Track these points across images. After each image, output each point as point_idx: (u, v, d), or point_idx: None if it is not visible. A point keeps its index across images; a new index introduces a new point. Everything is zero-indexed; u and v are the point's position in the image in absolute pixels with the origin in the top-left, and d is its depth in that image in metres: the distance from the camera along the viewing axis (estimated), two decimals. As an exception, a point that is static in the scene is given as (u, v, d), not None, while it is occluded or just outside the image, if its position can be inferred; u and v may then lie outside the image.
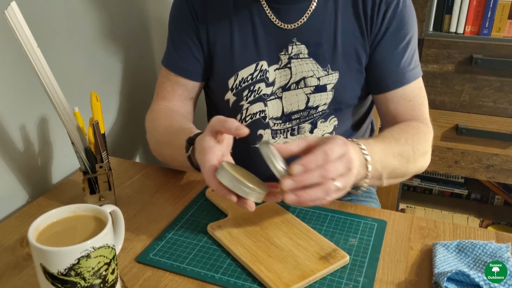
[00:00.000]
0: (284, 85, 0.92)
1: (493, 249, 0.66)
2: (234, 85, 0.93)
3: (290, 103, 0.93)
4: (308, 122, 0.94)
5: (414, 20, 0.91)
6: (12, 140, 0.84)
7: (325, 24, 0.88)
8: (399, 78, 0.90)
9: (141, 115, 1.20)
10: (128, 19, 1.12)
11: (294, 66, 0.90)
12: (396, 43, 0.88)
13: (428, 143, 0.87)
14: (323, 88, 0.91)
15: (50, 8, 0.89)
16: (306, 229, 0.73)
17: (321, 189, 0.62)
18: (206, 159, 0.66)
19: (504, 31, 1.45)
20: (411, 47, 0.90)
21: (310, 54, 0.90)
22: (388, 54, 0.89)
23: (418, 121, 0.89)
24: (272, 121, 0.95)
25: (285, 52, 0.90)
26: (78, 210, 0.59)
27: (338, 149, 0.64)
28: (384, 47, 0.88)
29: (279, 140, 0.96)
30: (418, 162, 0.84)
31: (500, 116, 1.50)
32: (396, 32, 0.88)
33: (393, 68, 0.89)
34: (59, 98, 0.73)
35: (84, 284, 0.54)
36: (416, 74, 0.91)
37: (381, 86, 0.91)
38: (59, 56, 0.92)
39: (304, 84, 0.91)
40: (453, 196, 1.96)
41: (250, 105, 0.94)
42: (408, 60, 0.90)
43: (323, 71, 0.90)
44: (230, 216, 0.76)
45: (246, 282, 0.64)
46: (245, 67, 0.92)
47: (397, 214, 0.80)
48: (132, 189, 0.89)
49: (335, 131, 0.96)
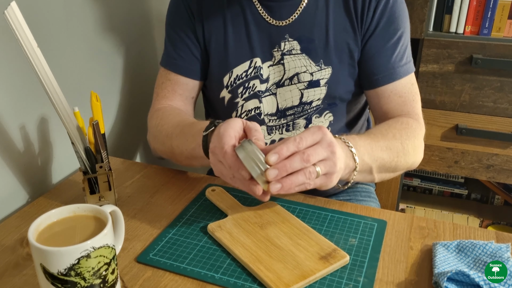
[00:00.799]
0: (278, 81, 0.93)
1: (493, 249, 0.66)
2: (229, 82, 0.94)
3: (284, 99, 0.94)
4: (302, 118, 0.95)
5: (406, 16, 0.91)
6: (12, 140, 0.84)
7: (316, 19, 0.89)
8: (390, 73, 0.90)
9: (141, 115, 1.20)
10: (129, 19, 1.12)
11: (287, 62, 0.91)
12: (387, 39, 0.89)
13: (418, 139, 0.87)
14: (317, 83, 0.91)
15: (50, 8, 0.89)
16: (306, 229, 0.73)
17: (302, 173, 0.65)
18: (227, 133, 0.68)
19: (504, 31, 1.45)
20: (402, 42, 0.90)
21: (302, 50, 0.90)
22: (379, 49, 0.89)
23: (408, 117, 0.90)
24: (267, 118, 0.95)
25: (278, 48, 0.91)
26: (78, 210, 0.59)
27: (310, 136, 0.66)
28: (374, 42, 0.89)
29: (274, 136, 0.97)
30: (409, 157, 0.85)
31: (500, 116, 1.50)
32: (386, 28, 0.88)
33: (383, 64, 0.90)
34: (59, 98, 0.73)
35: (84, 284, 0.54)
36: (408, 70, 0.92)
37: (372, 81, 0.91)
38: (59, 56, 0.92)
39: (297, 80, 0.92)
40: (453, 196, 1.96)
41: (245, 102, 0.95)
42: (399, 55, 0.90)
43: (316, 66, 0.90)
44: (230, 216, 0.76)
45: (246, 282, 0.64)
46: (239, 64, 0.93)
47: (397, 214, 0.80)
48: (132, 189, 0.89)
49: (331, 127, 0.97)
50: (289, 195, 0.84)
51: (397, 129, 0.85)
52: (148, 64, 1.23)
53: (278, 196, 0.83)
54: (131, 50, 1.15)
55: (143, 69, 1.20)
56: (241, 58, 0.92)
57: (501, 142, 1.52)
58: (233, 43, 0.92)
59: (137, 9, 1.16)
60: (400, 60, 0.90)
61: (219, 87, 0.95)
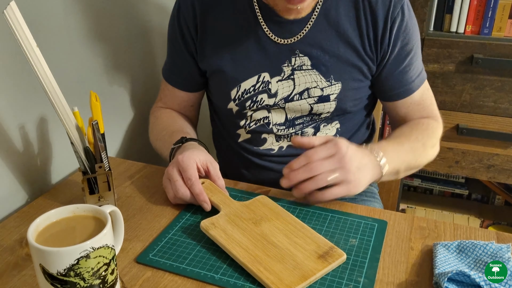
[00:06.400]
0: (287, 96, 0.92)
1: (493, 249, 0.66)
2: (236, 96, 0.94)
3: (293, 111, 0.94)
4: (311, 127, 0.95)
5: (417, 28, 0.92)
6: (11, 140, 0.84)
7: (327, 35, 0.88)
8: (407, 89, 0.93)
9: (141, 115, 1.20)
10: (129, 19, 1.12)
11: (298, 77, 0.91)
12: (402, 59, 0.90)
13: (436, 137, 0.94)
14: (327, 98, 0.91)
15: (50, 8, 0.88)
16: (301, 225, 0.73)
17: (312, 182, 0.76)
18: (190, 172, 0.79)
19: (505, 31, 1.45)
20: (416, 56, 0.92)
21: (313, 66, 0.90)
22: (396, 69, 0.91)
23: (428, 118, 0.95)
24: (276, 127, 0.95)
25: (288, 63, 0.90)
26: (77, 210, 0.59)
27: (325, 151, 0.77)
28: (390, 64, 0.90)
29: (282, 143, 0.97)
30: (429, 154, 0.93)
31: (500, 116, 1.50)
32: (402, 48, 0.89)
33: (401, 81, 0.92)
34: (59, 98, 0.72)
35: (84, 284, 0.54)
36: (422, 79, 0.95)
37: (390, 96, 0.95)
38: (59, 56, 0.92)
39: (307, 95, 0.91)
40: (453, 196, 1.96)
41: (254, 112, 0.95)
42: (414, 69, 0.92)
43: (326, 82, 0.90)
44: (222, 212, 0.76)
45: (246, 283, 0.64)
46: (247, 78, 0.92)
47: (398, 215, 0.80)
48: (132, 189, 0.88)
49: (338, 133, 0.97)
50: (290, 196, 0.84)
51: (419, 131, 0.92)
52: (149, 64, 1.22)
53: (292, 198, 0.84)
54: (131, 50, 1.14)
55: (143, 69, 1.20)
56: (249, 72, 0.92)
57: (502, 142, 1.52)
58: (241, 58, 0.92)
59: (137, 10, 1.15)
60: (415, 73, 0.93)
61: (226, 100, 0.95)
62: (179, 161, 0.80)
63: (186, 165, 0.79)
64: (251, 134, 0.98)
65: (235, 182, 0.90)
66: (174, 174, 0.80)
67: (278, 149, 0.98)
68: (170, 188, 0.80)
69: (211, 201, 0.79)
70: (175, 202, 0.81)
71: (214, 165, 0.83)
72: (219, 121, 1.05)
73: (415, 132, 0.91)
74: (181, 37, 0.96)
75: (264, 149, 0.98)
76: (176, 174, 0.80)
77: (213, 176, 0.82)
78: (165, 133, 0.96)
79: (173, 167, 0.81)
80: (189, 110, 1.05)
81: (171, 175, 0.80)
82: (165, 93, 1.05)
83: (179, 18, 0.95)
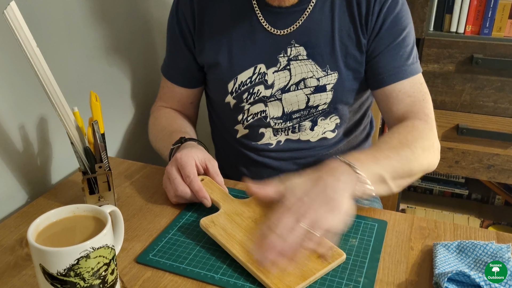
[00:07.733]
0: (284, 86, 0.92)
1: (493, 249, 0.66)
2: (233, 89, 0.94)
3: (290, 103, 0.94)
4: (308, 120, 0.95)
5: (409, 17, 0.91)
6: (12, 140, 0.84)
7: (322, 25, 0.89)
8: (396, 72, 0.89)
9: (141, 115, 1.20)
10: (129, 19, 1.12)
11: (294, 68, 0.91)
12: (391, 39, 0.89)
13: (427, 139, 0.85)
14: (323, 88, 0.91)
15: (50, 8, 0.88)
16: None
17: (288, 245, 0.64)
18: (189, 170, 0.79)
19: (505, 31, 1.45)
20: (407, 42, 0.90)
21: (309, 56, 0.90)
22: (384, 49, 0.89)
23: (415, 119, 0.88)
24: (273, 121, 0.96)
25: (284, 54, 0.91)
26: (77, 210, 0.59)
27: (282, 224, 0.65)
28: (379, 42, 0.89)
29: (280, 137, 0.97)
30: (422, 159, 0.82)
31: (500, 116, 1.50)
32: (390, 28, 0.88)
33: (389, 63, 0.89)
34: (59, 98, 0.72)
35: (84, 284, 0.54)
36: (415, 70, 0.91)
37: (379, 81, 0.91)
38: (59, 56, 0.92)
39: (304, 85, 0.91)
40: (453, 196, 1.96)
41: (251, 106, 0.95)
42: (405, 55, 0.90)
43: (322, 72, 0.90)
44: (222, 210, 0.76)
45: (246, 283, 0.64)
46: (243, 71, 0.93)
47: (398, 215, 0.80)
48: (132, 189, 0.88)
49: (337, 129, 0.97)
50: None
51: (403, 134, 0.84)
52: (148, 64, 1.22)
53: None
54: (131, 50, 1.14)
55: (143, 68, 1.20)
56: (246, 64, 0.92)
57: (502, 142, 1.52)
58: (237, 51, 0.92)
59: (137, 9, 1.15)
60: (406, 60, 0.89)
61: (224, 93, 0.96)
62: (178, 159, 0.80)
63: (185, 162, 0.79)
64: (249, 129, 0.99)
65: (234, 182, 0.90)
66: (173, 172, 0.80)
67: (276, 144, 0.98)
68: (170, 187, 0.80)
69: (211, 198, 0.79)
70: (175, 201, 0.81)
71: (212, 163, 0.83)
72: (217, 118, 1.06)
73: (398, 136, 0.83)
74: (180, 32, 0.97)
75: (262, 143, 0.99)
76: (175, 172, 0.80)
77: (212, 173, 0.82)
78: (164, 133, 0.96)
79: (172, 165, 0.81)
80: (188, 107, 1.06)
81: (170, 173, 0.80)
82: (165, 90, 1.05)
83: (178, 14, 0.96)
